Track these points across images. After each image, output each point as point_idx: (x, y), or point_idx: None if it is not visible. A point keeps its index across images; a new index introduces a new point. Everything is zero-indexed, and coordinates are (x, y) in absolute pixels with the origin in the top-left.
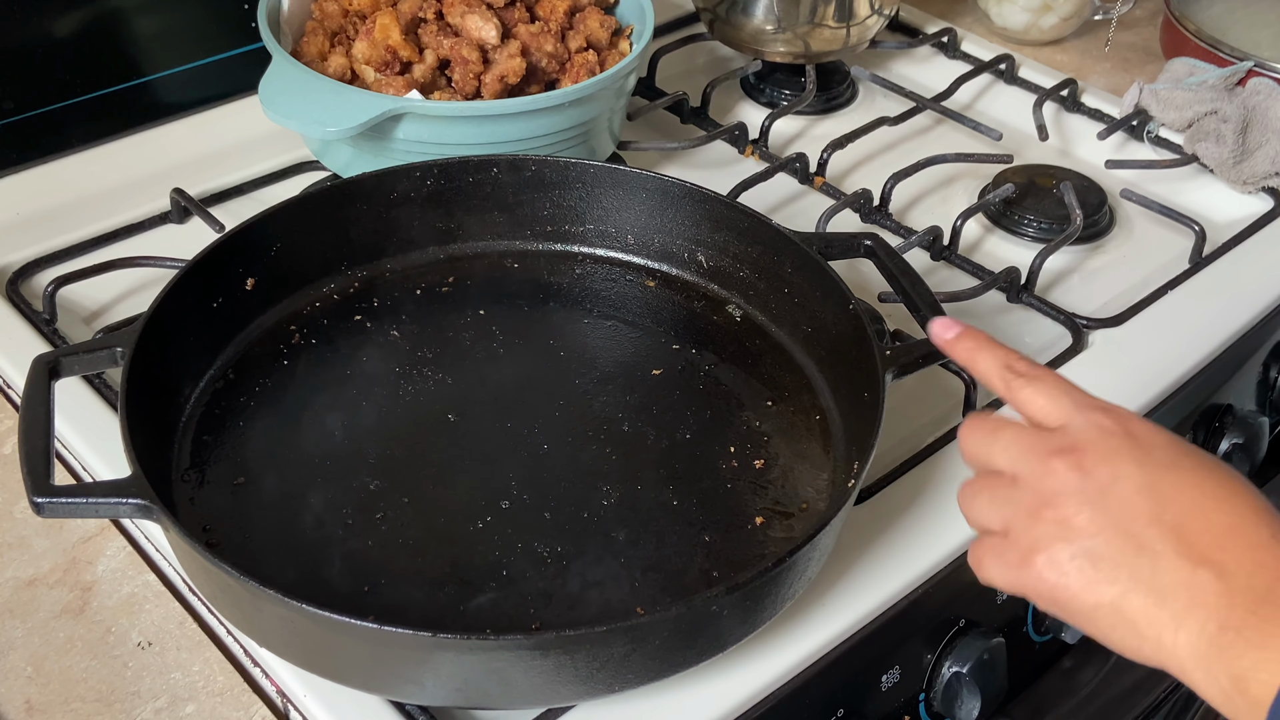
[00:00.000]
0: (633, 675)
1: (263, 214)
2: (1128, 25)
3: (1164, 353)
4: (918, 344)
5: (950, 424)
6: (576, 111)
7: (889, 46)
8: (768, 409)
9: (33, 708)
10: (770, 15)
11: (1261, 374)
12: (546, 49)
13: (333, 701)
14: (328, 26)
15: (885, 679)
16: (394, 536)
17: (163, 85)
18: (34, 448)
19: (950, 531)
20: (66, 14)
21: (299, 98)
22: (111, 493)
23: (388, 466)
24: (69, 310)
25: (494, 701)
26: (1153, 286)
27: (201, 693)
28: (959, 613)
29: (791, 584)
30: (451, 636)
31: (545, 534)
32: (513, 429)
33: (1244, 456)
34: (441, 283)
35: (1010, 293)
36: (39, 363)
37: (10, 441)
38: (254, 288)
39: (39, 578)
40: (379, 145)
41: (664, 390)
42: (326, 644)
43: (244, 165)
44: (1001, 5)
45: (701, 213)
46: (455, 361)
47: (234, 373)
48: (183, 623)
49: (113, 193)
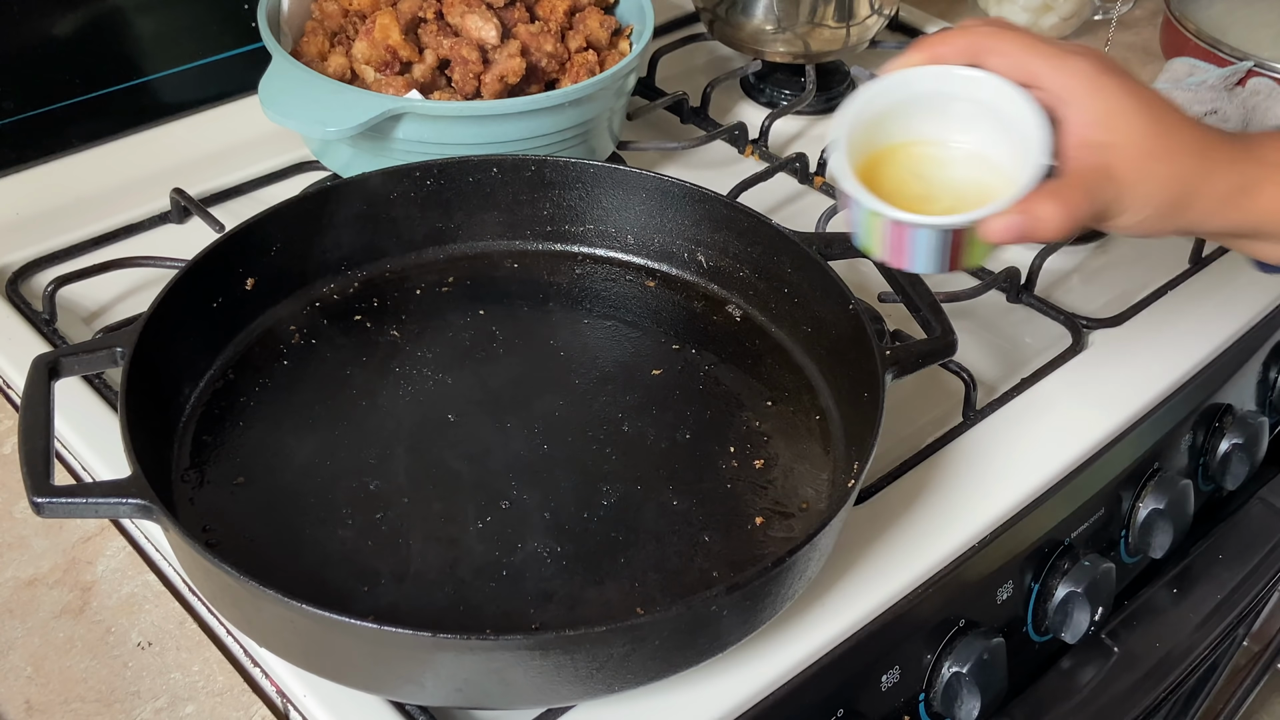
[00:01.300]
0: (632, 675)
1: (263, 214)
2: (1128, 25)
3: (1164, 353)
4: (918, 344)
5: (950, 424)
6: (576, 111)
7: (889, 46)
8: (768, 409)
9: (33, 708)
10: (770, 15)
11: (1261, 374)
12: (546, 49)
13: (333, 701)
14: (328, 26)
15: (885, 679)
16: (394, 536)
17: (163, 85)
18: (34, 448)
19: (950, 531)
20: (66, 14)
21: (299, 98)
22: (111, 493)
23: (388, 466)
24: (69, 310)
25: (494, 701)
26: (1153, 286)
27: (201, 693)
28: (959, 613)
29: (791, 584)
30: (451, 636)
31: (545, 534)
32: (513, 429)
33: (1244, 456)
34: (441, 283)
35: (1010, 293)
36: (39, 363)
37: (10, 441)
38: (254, 288)
39: (39, 578)
40: (379, 145)
41: (664, 390)
42: (326, 644)
43: (244, 165)
44: (1001, 5)
45: (701, 213)
46: (455, 361)
47: (234, 373)
48: (183, 623)
49: (113, 193)
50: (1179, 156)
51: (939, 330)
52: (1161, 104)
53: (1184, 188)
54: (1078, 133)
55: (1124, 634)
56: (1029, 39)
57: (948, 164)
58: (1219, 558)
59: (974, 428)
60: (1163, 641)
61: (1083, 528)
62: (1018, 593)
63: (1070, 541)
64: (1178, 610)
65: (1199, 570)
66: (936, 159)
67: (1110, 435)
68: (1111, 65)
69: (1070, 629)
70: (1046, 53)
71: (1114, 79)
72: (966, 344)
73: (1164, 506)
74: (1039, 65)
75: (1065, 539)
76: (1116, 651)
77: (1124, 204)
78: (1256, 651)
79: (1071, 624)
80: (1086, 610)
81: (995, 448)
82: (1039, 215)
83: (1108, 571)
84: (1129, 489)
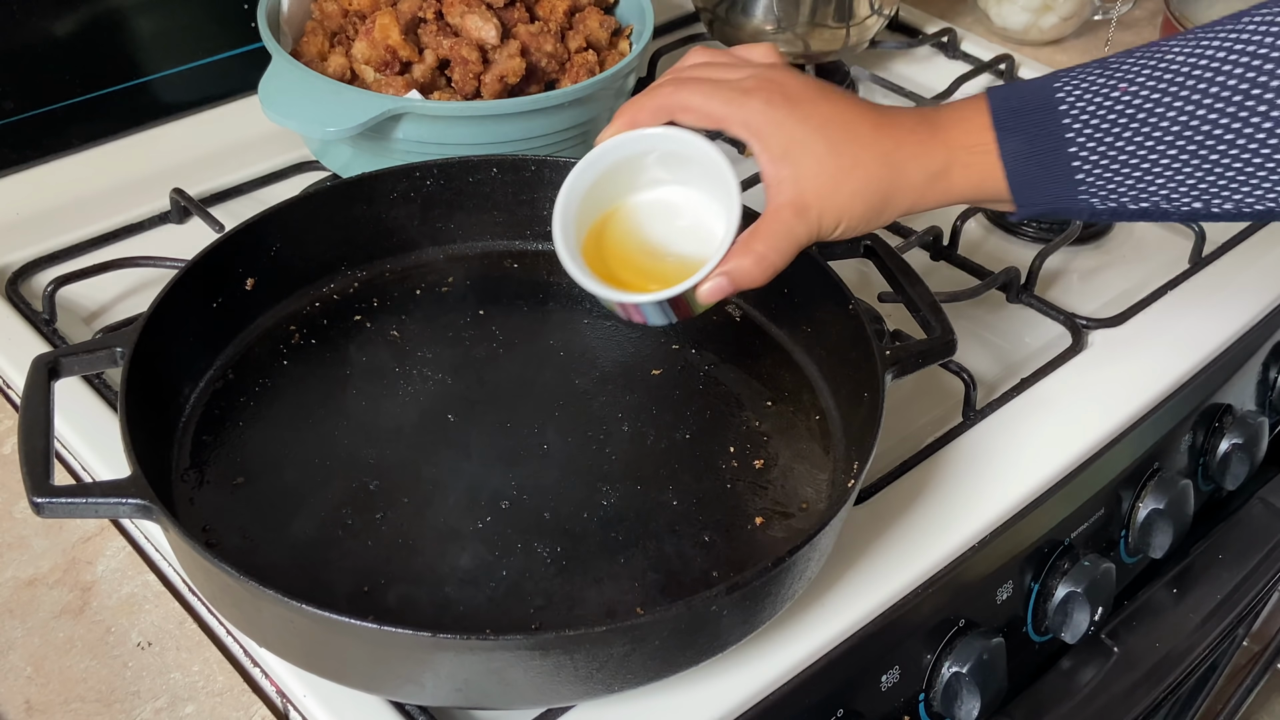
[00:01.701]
0: (632, 675)
1: (263, 214)
2: (1128, 25)
3: (1164, 353)
4: (918, 344)
5: (950, 424)
6: (576, 111)
7: (889, 46)
8: (768, 409)
9: (32, 708)
10: (770, 15)
11: (1261, 374)
12: (546, 49)
13: (333, 701)
14: (327, 26)
15: (885, 679)
16: (394, 536)
17: (163, 85)
18: (34, 448)
19: (950, 531)
20: (66, 14)
21: (299, 98)
22: (111, 493)
23: (388, 466)
24: (69, 310)
25: (494, 701)
26: (1153, 286)
27: (201, 693)
28: (959, 613)
29: (791, 584)
30: (451, 636)
31: (545, 534)
32: (513, 429)
33: (1244, 456)
34: (441, 283)
35: (1010, 293)
36: (39, 363)
37: (10, 441)
38: (254, 288)
39: (39, 578)
40: (379, 145)
41: (664, 390)
42: (326, 644)
43: (244, 165)
44: (1001, 5)
45: None
46: (455, 361)
47: (234, 373)
48: (182, 623)
49: (113, 193)
50: (865, 167)
51: (939, 330)
52: (839, 119)
53: (879, 192)
54: (768, 168)
55: (1124, 634)
56: (708, 88)
57: (664, 218)
58: (1219, 558)
59: (974, 428)
60: (1163, 641)
61: (1083, 528)
62: (1018, 593)
63: (1070, 541)
64: (1178, 610)
65: (1199, 570)
66: (654, 215)
67: (1110, 435)
68: (786, 95)
69: (1070, 629)
70: (725, 98)
71: (786, 110)
72: (966, 344)
73: (1164, 506)
74: (721, 113)
75: (1065, 539)
76: (1116, 651)
77: (828, 221)
78: (1256, 651)
79: (1071, 624)
80: (1086, 610)
81: (995, 448)
82: (740, 271)
83: (1108, 571)
84: (1129, 489)
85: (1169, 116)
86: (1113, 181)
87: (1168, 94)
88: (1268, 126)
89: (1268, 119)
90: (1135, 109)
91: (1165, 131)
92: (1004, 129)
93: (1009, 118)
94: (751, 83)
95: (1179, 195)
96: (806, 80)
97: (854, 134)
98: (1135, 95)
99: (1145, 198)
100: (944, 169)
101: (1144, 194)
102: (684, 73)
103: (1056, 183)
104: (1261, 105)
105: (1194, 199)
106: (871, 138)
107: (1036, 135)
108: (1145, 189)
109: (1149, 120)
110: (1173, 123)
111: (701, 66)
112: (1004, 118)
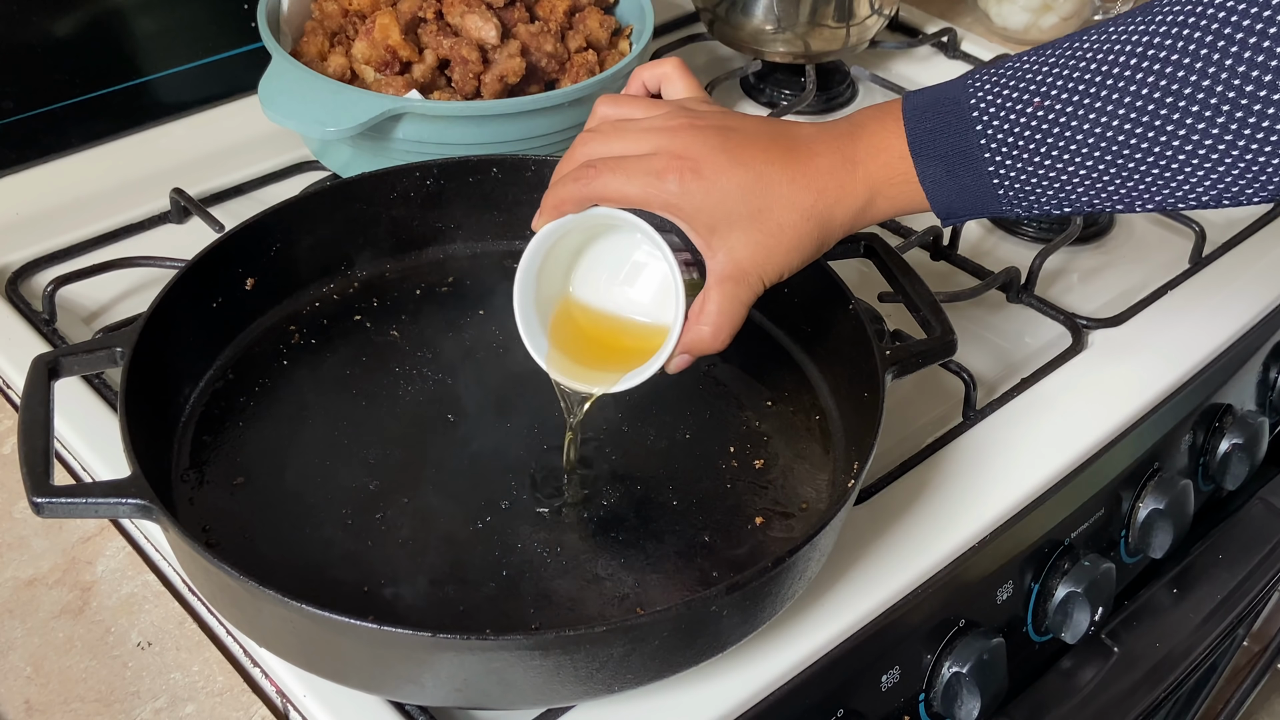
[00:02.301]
0: (632, 675)
1: (263, 214)
2: None
3: (1164, 353)
4: (918, 344)
5: (950, 424)
6: (576, 111)
7: (889, 46)
8: (768, 409)
9: (32, 708)
10: (770, 15)
11: (1261, 374)
12: (546, 49)
13: (333, 701)
14: (327, 26)
15: (885, 679)
16: (394, 536)
17: (163, 85)
18: (33, 448)
19: (950, 531)
20: (66, 14)
21: (299, 98)
22: (111, 493)
23: (388, 466)
24: (69, 310)
25: (494, 701)
26: (1153, 286)
27: (201, 693)
28: (959, 613)
29: (791, 584)
30: (451, 636)
31: (545, 534)
32: (513, 429)
33: (1244, 456)
34: (441, 283)
35: (1010, 292)
36: (39, 363)
37: (10, 441)
38: (254, 288)
39: (39, 578)
40: (379, 145)
41: (664, 390)
42: (326, 644)
43: (244, 165)
44: (1001, 5)
45: None
46: (455, 361)
47: (234, 373)
48: (182, 623)
49: (113, 193)
50: (793, 228)
51: (939, 330)
52: (754, 182)
53: (812, 241)
54: (699, 244)
55: (1124, 634)
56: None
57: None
58: (1219, 558)
59: (974, 428)
60: (1163, 641)
61: (1083, 528)
62: (1018, 593)
63: (1070, 541)
64: (1178, 610)
65: (1199, 570)
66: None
67: (1110, 435)
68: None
69: (1070, 629)
70: (641, 183)
71: (700, 186)
72: (966, 344)
73: (1164, 506)
74: (640, 197)
75: (1065, 539)
76: (1116, 651)
77: (770, 278)
78: (1256, 651)
79: (1071, 624)
80: (1086, 610)
81: (995, 448)
82: (700, 344)
83: (1108, 571)
84: (1129, 489)
85: (1084, 129)
86: (1034, 193)
87: (1081, 106)
88: (1182, 134)
89: (1182, 125)
90: (1050, 123)
91: (1081, 144)
92: (921, 156)
93: (925, 143)
94: (660, 161)
95: (1101, 200)
96: (708, 132)
97: (773, 194)
98: (1049, 111)
99: (1069, 204)
100: (868, 203)
101: (1066, 200)
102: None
103: (979, 200)
104: (1175, 113)
105: (1117, 201)
106: (790, 196)
107: (955, 162)
108: (1067, 196)
109: (1064, 134)
110: (1088, 135)
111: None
112: (920, 143)
